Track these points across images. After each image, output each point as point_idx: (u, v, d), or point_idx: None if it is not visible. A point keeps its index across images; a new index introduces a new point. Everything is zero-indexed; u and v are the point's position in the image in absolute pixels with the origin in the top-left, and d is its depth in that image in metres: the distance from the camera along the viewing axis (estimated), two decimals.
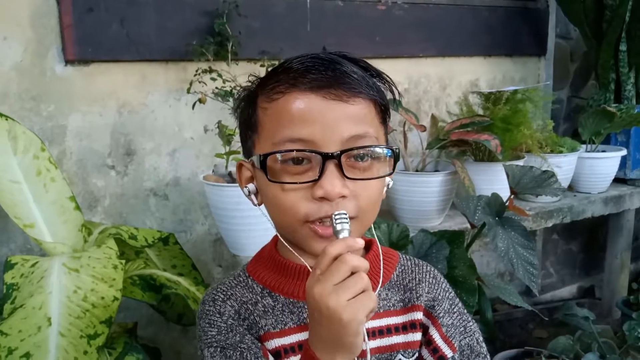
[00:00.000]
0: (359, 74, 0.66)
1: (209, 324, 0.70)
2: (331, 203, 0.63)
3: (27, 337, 1.03)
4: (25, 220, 1.22)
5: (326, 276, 0.56)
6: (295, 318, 0.70)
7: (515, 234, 1.30)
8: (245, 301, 0.71)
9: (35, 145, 1.26)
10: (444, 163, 1.70)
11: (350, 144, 0.64)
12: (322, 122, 0.63)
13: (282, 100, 0.65)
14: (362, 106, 0.65)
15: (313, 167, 0.63)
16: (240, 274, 0.75)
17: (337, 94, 0.63)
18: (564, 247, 2.66)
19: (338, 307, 0.54)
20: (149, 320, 1.62)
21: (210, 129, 1.63)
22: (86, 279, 1.11)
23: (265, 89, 0.67)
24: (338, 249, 0.57)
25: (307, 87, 0.63)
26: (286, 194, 0.64)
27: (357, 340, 0.57)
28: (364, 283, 0.56)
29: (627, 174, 2.13)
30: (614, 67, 2.14)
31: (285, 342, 0.70)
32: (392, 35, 1.88)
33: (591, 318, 1.80)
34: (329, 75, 0.63)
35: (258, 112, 0.68)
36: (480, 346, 0.78)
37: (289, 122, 0.64)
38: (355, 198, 0.64)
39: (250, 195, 0.72)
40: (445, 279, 0.81)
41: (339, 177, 0.63)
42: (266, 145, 0.66)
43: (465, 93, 1.87)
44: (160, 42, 1.51)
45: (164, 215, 1.62)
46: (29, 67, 1.40)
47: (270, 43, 1.61)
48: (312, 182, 0.63)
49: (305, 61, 0.65)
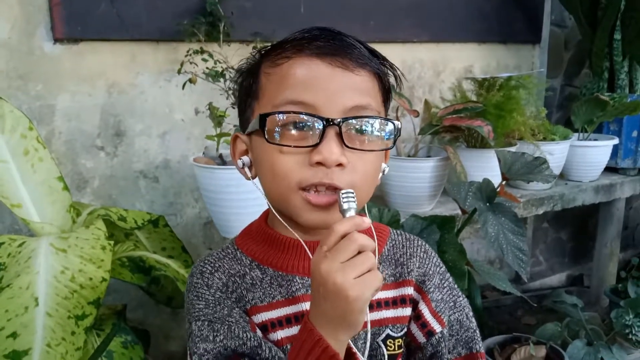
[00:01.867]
0: (364, 49, 0.65)
1: (196, 296, 0.69)
2: (327, 170, 0.62)
3: (13, 317, 1.03)
4: (13, 200, 1.21)
5: (334, 253, 0.56)
6: (283, 291, 0.70)
7: (505, 220, 1.30)
8: (233, 273, 0.71)
9: (23, 125, 1.24)
10: (437, 149, 1.70)
11: (352, 114, 0.63)
12: (326, 88, 0.62)
13: (287, 65, 0.64)
14: (367, 78, 0.65)
15: (313, 132, 0.62)
16: (229, 247, 0.74)
17: (343, 62, 0.63)
18: (554, 235, 2.67)
19: (345, 284, 0.54)
20: (139, 303, 1.61)
21: (201, 111, 1.61)
22: (74, 260, 1.10)
23: (270, 56, 0.67)
24: (346, 227, 0.57)
25: (313, 53, 0.63)
26: (283, 159, 0.63)
27: (360, 318, 0.57)
28: (371, 262, 0.56)
29: (618, 163, 2.14)
30: (608, 55, 2.13)
31: (273, 315, 0.69)
32: (386, 19, 1.86)
33: (579, 305, 1.82)
34: (337, 44, 0.63)
35: (261, 78, 0.67)
36: (469, 321, 0.78)
37: (292, 85, 0.63)
38: (352, 171, 0.63)
39: (244, 167, 0.71)
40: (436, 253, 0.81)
41: (339, 144, 0.62)
42: (267, 108, 0.65)
43: (459, 79, 1.86)
44: (150, 21, 1.48)
45: (154, 198, 1.61)
46: (17, 45, 1.37)
47: (263, 24, 1.59)
48: (310, 147, 0.62)
49: (313, 30, 0.64)
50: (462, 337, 0.77)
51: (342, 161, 0.62)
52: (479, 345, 0.77)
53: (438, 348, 0.75)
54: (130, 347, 1.20)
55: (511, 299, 2.41)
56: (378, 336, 0.72)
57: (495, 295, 2.43)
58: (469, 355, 0.77)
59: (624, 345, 1.81)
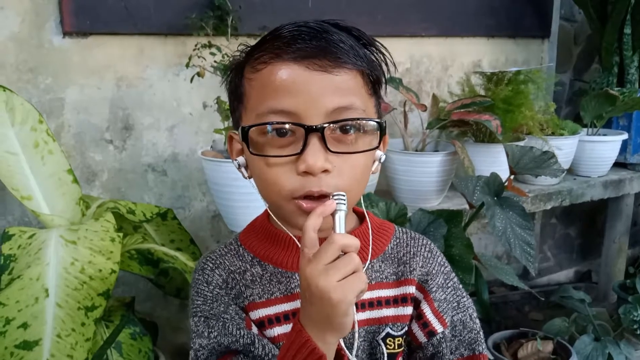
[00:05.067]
0: (347, 44, 0.63)
1: (196, 292, 0.70)
2: (313, 179, 0.61)
3: (24, 307, 1.04)
4: (23, 192, 1.22)
5: (316, 256, 0.56)
6: (282, 288, 0.70)
7: (513, 214, 1.30)
8: (233, 270, 0.71)
9: (33, 117, 1.26)
10: (444, 143, 1.69)
11: (335, 116, 0.62)
12: (305, 93, 0.61)
13: (266, 71, 0.63)
14: (348, 77, 0.63)
15: (297, 140, 0.61)
16: (232, 242, 0.75)
17: (321, 65, 0.61)
18: (562, 231, 2.66)
19: (328, 287, 0.54)
20: (147, 296, 1.62)
21: (209, 105, 1.62)
22: (84, 251, 1.11)
23: (250, 59, 0.66)
24: (312, 223, 0.58)
25: (290, 58, 0.61)
26: (270, 169, 0.63)
27: (346, 321, 0.57)
28: (355, 264, 0.56)
29: (627, 159, 2.12)
30: (618, 50, 2.12)
31: (271, 312, 0.69)
32: (394, 13, 1.86)
33: (587, 301, 1.81)
34: (314, 44, 0.61)
35: (244, 82, 0.66)
36: (473, 322, 0.77)
37: (272, 94, 0.62)
38: (339, 174, 0.62)
39: (241, 168, 0.70)
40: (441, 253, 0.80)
41: (322, 150, 0.61)
42: (251, 117, 0.64)
43: (467, 73, 1.85)
44: (159, 15, 1.49)
45: (162, 191, 1.62)
46: (27, 38, 1.38)
47: (271, 19, 1.59)
48: (295, 155, 0.61)
49: (293, 30, 0.62)
50: (465, 338, 0.77)
51: (327, 167, 0.61)
52: (482, 346, 0.77)
53: (439, 348, 0.74)
54: (138, 338, 1.21)
55: (518, 295, 2.40)
56: (378, 334, 0.72)
57: (503, 291, 2.43)
58: (471, 357, 0.76)
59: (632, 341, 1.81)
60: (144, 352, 1.20)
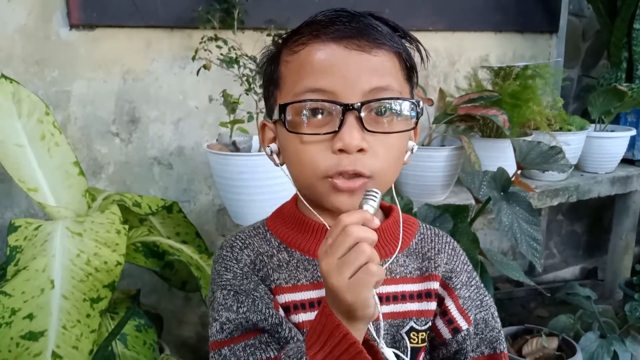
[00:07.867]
0: (384, 28, 0.64)
1: (225, 267, 0.70)
2: (349, 157, 0.61)
3: (30, 298, 1.04)
4: (29, 184, 1.22)
5: (332, 248, 0.55)
6: (308, 275, 0.70)
7: (520, 209, 1.29)
8: (261, 252, 0.71)
9: (40, 110, 1.26)
10: (451, 138, 1.69)
11: (371, 96, 0.62)
12: (343, 72, 0.62)
13: (304, 52, 0.64)
14: (385, 58, 0.64)
15: (333, 119, 0.62)
16: (260, 227, 0.74)
17: (359, 44, 0.62)
18: (569, 228, 2.65)
19: (340, 287, 0.54)
20: (152, 288, 1.63)
21: (215, 99, 1.61)
22: (89, 243, 1.11)
23: (288, 43, 0.67)
24: (352, 219, 0.55)
25: (329, 38, 0.62)
26: (306, 147, 0.63)
27: (368, 312, 0.56)
28: (366, 255, 0.54)
29: (635, 155, 2.11)
30: (627, 45, 2.10)
31: (297, 298, 0.69)
32: (402, 7, 1.85)
33: (593, 298, 1.80)
34: (353, 26, 0.62)
35: (281, 66, 0.67)
36: (495, 321, 0.78)
37: (310, 73, 0.63)
38: (374, 154, 0.63)
39: (272, 155, 0.71)
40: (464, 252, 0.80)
41: (359, 129, 0.61)
42: (287, 97, 0.65)
43: (474, 68, 1.84)
44: (165, 8, 1.49)
45: (168, 185, 1.62)
46: (33, 31, 1.38)
47: (278, 12, 1.58)
48: (331, 133, 0.62)
49: (330, 14, 0.64)
50: (487, 336, 0.77)
51: (363, 146, 0.61)
52: (503, 345, 0.77)
53: (463, 345, 0.75)
54: (143, 330, 1.21)
55: (524, 291, 2.40)
56: (402, 328, 0.72)
57: (508, 287, 2.42)
58: (492, 355, 0.77)
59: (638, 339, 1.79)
60: (149, 344, 1.20)
